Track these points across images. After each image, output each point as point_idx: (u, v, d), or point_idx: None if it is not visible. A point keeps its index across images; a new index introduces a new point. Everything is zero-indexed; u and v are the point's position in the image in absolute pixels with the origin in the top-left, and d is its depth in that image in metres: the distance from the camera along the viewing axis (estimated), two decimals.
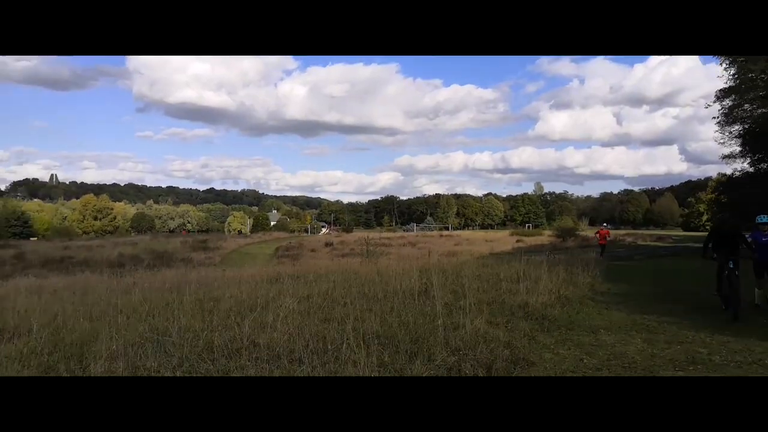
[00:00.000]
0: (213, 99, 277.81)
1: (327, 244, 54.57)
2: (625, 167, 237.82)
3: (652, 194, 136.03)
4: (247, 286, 12.11)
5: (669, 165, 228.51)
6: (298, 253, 47.54)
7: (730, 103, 30.70)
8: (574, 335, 7.22)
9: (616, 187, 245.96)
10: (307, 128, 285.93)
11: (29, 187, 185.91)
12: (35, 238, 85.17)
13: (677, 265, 19.57)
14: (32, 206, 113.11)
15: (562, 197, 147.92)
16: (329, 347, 5.87)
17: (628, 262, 21.70)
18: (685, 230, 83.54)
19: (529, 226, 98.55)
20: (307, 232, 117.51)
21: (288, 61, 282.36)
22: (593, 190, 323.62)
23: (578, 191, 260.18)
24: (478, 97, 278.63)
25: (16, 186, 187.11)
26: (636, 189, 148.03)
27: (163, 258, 42.44)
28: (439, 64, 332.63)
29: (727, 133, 30.11)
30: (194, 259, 43.83)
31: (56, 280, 15.58)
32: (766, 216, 9.17)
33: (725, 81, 28.90)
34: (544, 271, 12.96)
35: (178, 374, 5.28)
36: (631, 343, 6.78)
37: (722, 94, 30.79)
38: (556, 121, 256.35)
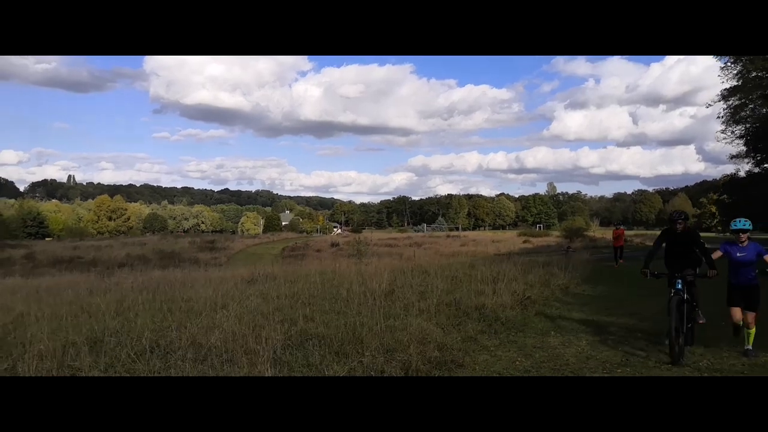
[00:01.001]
0: (228, 100, 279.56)
1: (333, 245, 54.78)
2: (641, 167, 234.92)
3: (667, 194, 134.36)
4: (226, 285, 12.28)
5: (686, 165, 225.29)
6: (304, 254, 47.80)
7: (737, 102, 30.37)
8: (521, 337, 7.24)
9: (632, 188, 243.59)
10: (322, 129, 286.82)
11: (47, 188, 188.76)
12: (50, 239, 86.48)
13: None
14: (50, 207, 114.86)
15: (575, 197, 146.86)
16: (263, 347, 5.96)
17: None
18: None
19: (540, 227, 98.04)
20: (318, 232, 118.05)
21: (303, 62, 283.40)
22: (608, 190, 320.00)
23: (593, 191, 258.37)
24: (492, 97, 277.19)
25: (34, 187, 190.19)
26: (650, 189, 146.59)
27: (170, 258, 43.00)
28: (454, 64, 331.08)
29: (729, 133, 29.80)
30: (200, 259, 44.22)
31: (44, 280, 15.86)
32: (744, 221, 6.27)
33: (725, 80, 28.49)
34: (519, 273, 13.01)
35: (110, 374, 5.40)
36: (574, 345, 6.79)
37: (728, 93, 30.46)
38: (571, 121, 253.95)
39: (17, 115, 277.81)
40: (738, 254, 6.31)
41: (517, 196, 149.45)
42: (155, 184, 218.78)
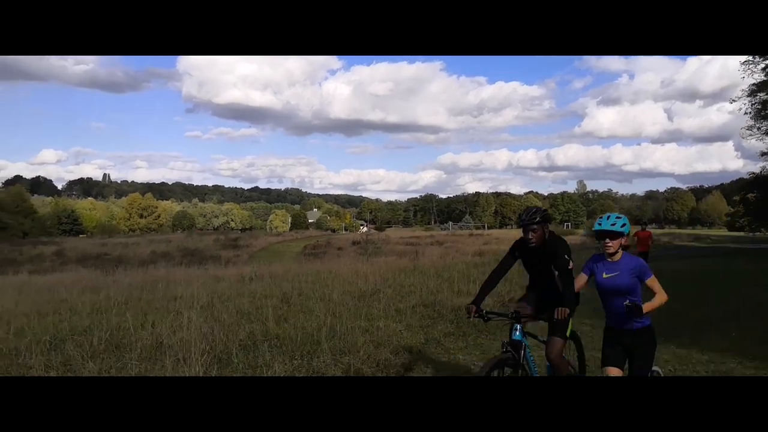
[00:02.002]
0: (259, 99, 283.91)
1: (354, 243, 54.84)
2: (676, 164, 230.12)
3: (701, 192, 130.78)
4: (223, 284, 12.40)
5: (724, 162, 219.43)
6: (325, 252, 48.00)
7: (765, 97, 29.40)
8: (489, 339, 7.10)
9: (666, 185, 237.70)
10: (351, 127, 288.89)
11: (84, 186, 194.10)
12: (84, 235, 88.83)
13: (689, 267, 18.83)
14: (85, 204, 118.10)
15: (605, 195, 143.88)
16: (216, 348, 5.98)
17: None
18: (730, 230, 79.89)
19: (567, 226, 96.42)
20: (345, 230, 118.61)
21: (333, 60, 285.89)
22: (642, 188, 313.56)
23: (626, 189, 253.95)
24: (523, 94, 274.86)
25: (72, 185, 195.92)
26: (683, 187, 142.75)
27: (193, 255, 43.69)
28: (484, 61, 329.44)
29: (756, 129, 28.82)
30: (222, 256, 44.79)
31: (54, 276, 16.24)
32: (618, 216, 4.01)
33: (746, 76, 27.55)
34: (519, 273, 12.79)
35: (61, 373, 5.48)
36: (541, 349, 6.61)
37: (756, 89, 29.50)
38: (604, 118, 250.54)
39: (57, 115, 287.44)
40: (604, 275, 3.90)
41: (546, 194, 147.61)
42: (187, 182, 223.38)
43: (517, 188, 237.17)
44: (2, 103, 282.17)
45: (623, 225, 3.84)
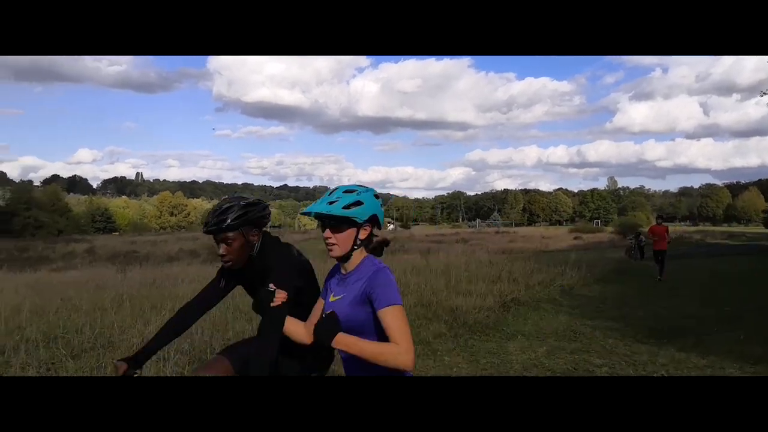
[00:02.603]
0: (288, 97, 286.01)
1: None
2: (712, 160, 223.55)
3: (737, 189, 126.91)
4: None
5: (763, 157, 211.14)
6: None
7: None
8: (481, 342, 6.92)
9: (701, 181, 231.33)
10: (379, 124, 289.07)
11: (117, 185, 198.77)
12: (117, 233, 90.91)
13: (717, 266, 18.20)
14: (119, 203, 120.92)
15: (637, 192, 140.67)
16: (196, 348, 5.95)
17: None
18: (767, 227, 77.40)
19: (597, 223, 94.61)
20: None
21: (360, 58, 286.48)
22: (675, 184, 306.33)
23: (659, 186, 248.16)
24: (552, 89, 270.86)
25: (106, 184, 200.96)
26: (719, 183, 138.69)
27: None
28: (513, 57, 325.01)
29: None
30: None
31: (73, 274, 16.57)
32: (340, 190, 2.17)
33: None
34: (529, 271, 12.55)
35: (42, 372, 5.52)
36: (531, 352, 6.43)
37: None
38: (636, 113, 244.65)
39: (92, 115, 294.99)
40: (331, 298, 2.29)
41: (575, 191, 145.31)
42: (217, 181, 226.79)
43: (546, 185, 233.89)
44: (41, 105, 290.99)
45: (355, 204, 2.11)
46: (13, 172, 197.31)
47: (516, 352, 6.38)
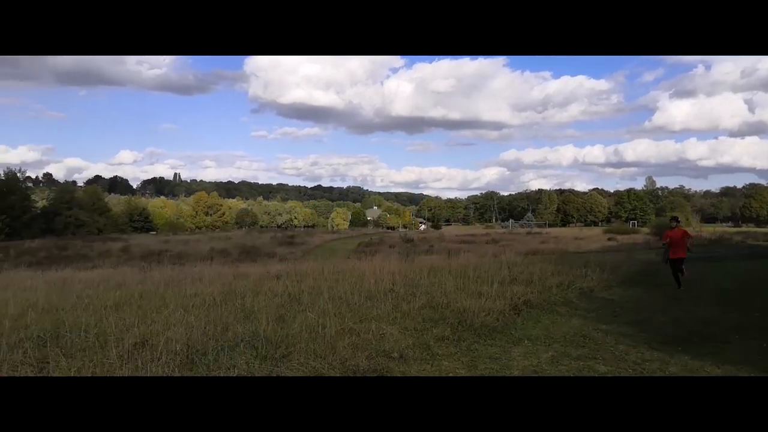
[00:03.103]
0: (322, 98, 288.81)
1: (407, 241, 54.66)
2: (758, 159, 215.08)
3: None
4: (247, 281, 12.46)
5: None
6: (377, 249, 48.03)
7: None
8: (485, 346, 6.68)
9: (745, 181, 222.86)
10: (412, 125, 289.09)
11: (156, 185, 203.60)
12: (154, 233, 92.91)
13: (754, 270, 17.39)
14: (157, 203, 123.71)
15: (676, 192, 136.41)
16: (192, 349, 5.90)
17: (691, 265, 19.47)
18: None
19: (633, 224, 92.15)
20: (404, 228, 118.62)
21: (395, 58, 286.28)
22: (718, 184, 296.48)
23: (701, 186, 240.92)
24: (589, 88, 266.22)
25: (145, 184, 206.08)
26: (764, 183, 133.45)
27: (249, 253, 44.79)
28: (549, 56, 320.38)
29: None
30: (278, 253, 45.63)
31: (99, 272, 16.88)
32: None
33: None
34: (549, 273, 12.21)
35: (31, 372, 5.54)
36: (534, 357, 6.17)
37: None
38: (677, 111, 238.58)
39: (132, 117, 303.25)
40: None
41: (612, 191, 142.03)
42: (253, 181, 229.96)
43: (583, 185, 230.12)
44: (86, 108, 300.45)
45: None
46: (59, 173, 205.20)
47: (518, 358, 6.14)
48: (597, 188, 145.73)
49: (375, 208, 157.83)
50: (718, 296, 11.02)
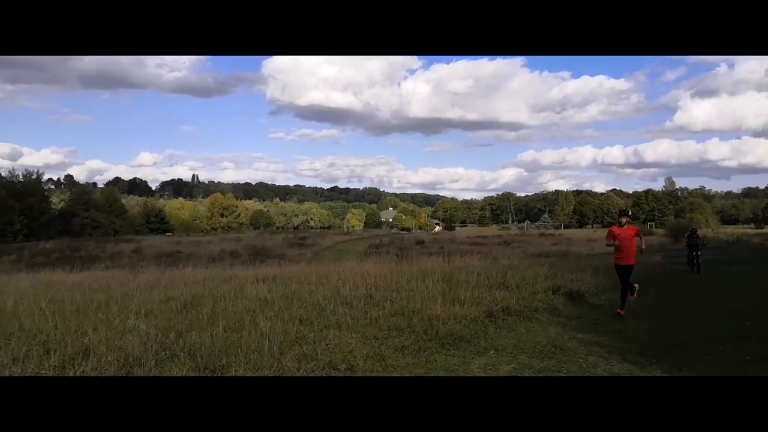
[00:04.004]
0: (340, 100, 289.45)
1: (418, 242, 54.27)
2: None
3: None
4: (228, 285, 12.24)
5: None
6: (387, 251, 47.71)
7: None
8: (446, 356, 6.31)
9: None
10: (429, 126, 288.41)
11: (175, 187, 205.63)
12: (170, 234, 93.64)
13: (763, 274, 16.71)
14: (175, 204, 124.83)
15: (696, 193, 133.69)
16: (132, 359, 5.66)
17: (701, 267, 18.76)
18: None
19: (651, 225, 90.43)
20: (419, 229, 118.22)
21: (412, 60, 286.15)
22: (741, 185, 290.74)
23: (723, 186, 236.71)
24: (609, 88, 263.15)
25: (164, 186, 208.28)
26: None
27: (258, 254, 44.73)
28: (568, 56, 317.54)
29: None
30: (287, 255, 45.52)
31: (88, 274, 16.78)
32: None
33: None
34: (541, 276, 11.81)
35: None
36: (495, 370, 5.81)
37: None
38: (699, 111, 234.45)
39: (153, 119, 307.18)
40: None
41: (630, 192, 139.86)
42: (270, 183, 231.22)
43: (601, 186, 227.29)
44: (108, 111, 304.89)
45: None
46: (81, 175, 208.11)
47: (476, 371, 5.76)
48: (614, 189, 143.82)
49: (390, 209, 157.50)
50: (716, 303, 10.51)
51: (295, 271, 15.25)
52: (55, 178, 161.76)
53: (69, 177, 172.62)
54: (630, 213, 10.25)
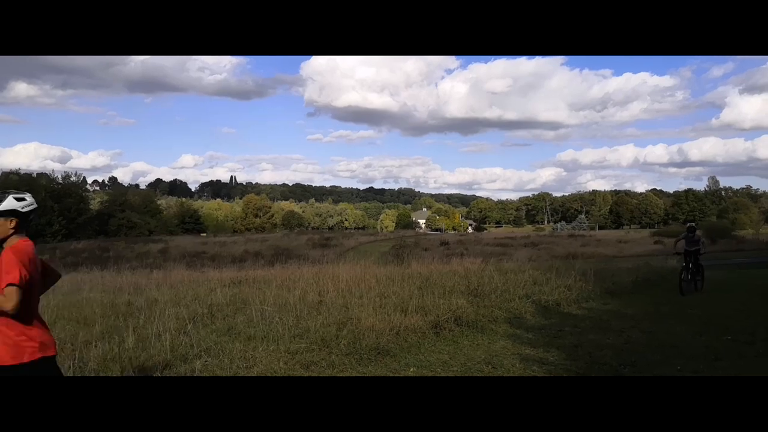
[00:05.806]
0: (377, 101, 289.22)
1: (442, 243, 53.54)
2: None
3: None
4: (207, 287, 12.02)
5: None
6: (410, 252, 47.17)
7: None
8: (358, 375, 5.83)
9: None
10: (467, 126, 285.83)
11: (214, 188, 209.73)
12: (204, 234, 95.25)
13: None
14: (213, 205, 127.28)
15: (742, 193, 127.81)
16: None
17: (714, 272, 17.41)
18: None
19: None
20: (453, 229, 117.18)
21: (450, 59, 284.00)
22: None
23: None
24: (653, 85, 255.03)
25: (203, 187, 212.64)
26: None
27: (281, 255, 44.85)
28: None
29: None
30: (311, 255, 45.46)
31: (102, 274, 16.74)
32: None
33: None
34: (530, 282, 11.15)
35: None
36: None
37: None
38: (748, 107, 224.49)
39: (194, 122, 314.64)
40: None
41: (672, 191, 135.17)
42: (306, 183, 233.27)
43: (643, 186, 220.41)
44: (152, 114, 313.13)
45: None
46: (125, 177, 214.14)
47: None
48: (653, 188, 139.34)
49: (424, 209, 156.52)
50: (711, 312, 9.65)
51: (281, 273, 14.94)
52: (100, 180, 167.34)
53: (113, 179, 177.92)
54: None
